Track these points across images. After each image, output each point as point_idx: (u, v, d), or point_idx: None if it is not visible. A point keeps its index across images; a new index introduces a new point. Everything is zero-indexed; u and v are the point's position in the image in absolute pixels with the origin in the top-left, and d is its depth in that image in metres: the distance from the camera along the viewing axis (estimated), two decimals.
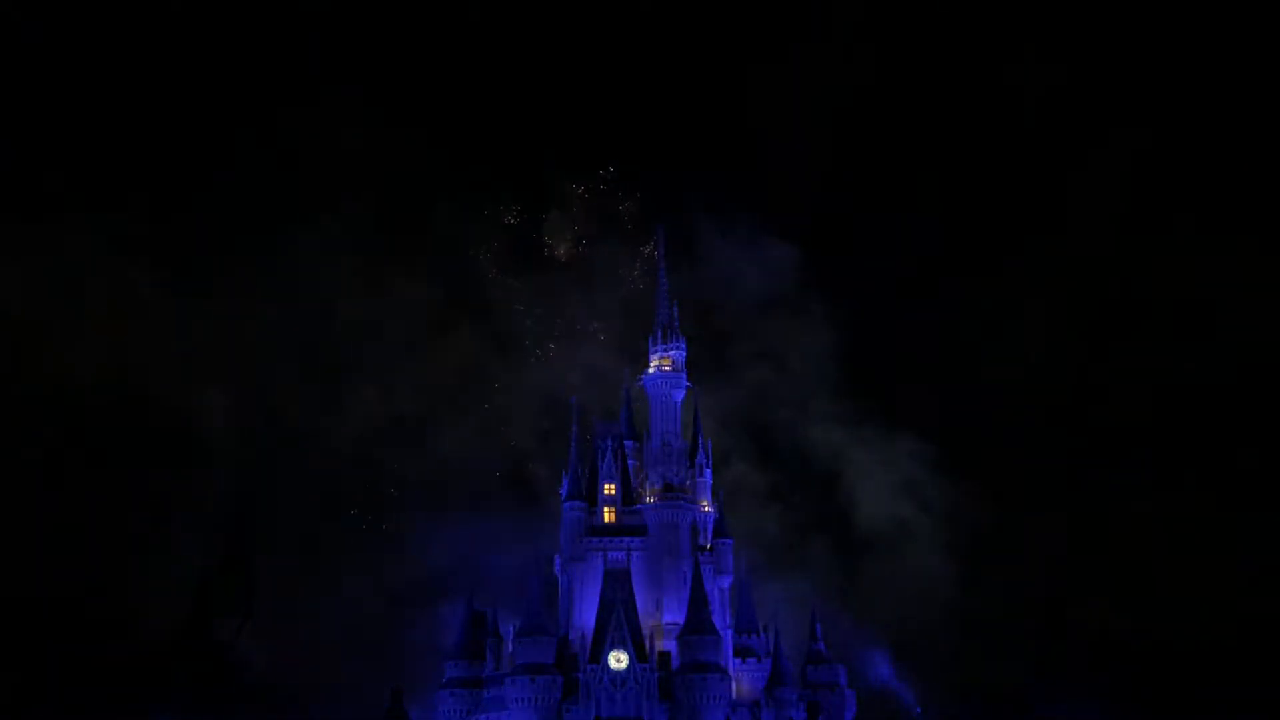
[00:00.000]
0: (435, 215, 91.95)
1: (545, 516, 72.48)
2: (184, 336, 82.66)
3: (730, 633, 68.17)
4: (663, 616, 67.55)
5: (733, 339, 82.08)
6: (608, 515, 71.23)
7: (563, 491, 71.22)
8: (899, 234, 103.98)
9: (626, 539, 69.69)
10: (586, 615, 66.89)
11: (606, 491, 71.80)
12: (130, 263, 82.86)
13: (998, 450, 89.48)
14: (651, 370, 75.34)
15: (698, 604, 65.45)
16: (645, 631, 65.82)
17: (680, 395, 74.27)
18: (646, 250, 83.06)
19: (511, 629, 65.61)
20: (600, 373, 77.15)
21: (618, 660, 63.62)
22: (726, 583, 70.00)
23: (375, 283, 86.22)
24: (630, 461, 73.32)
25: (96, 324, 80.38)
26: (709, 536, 71.47)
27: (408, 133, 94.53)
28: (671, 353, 75.30)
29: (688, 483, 72.22)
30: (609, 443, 73.35)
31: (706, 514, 72.25)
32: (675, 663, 64.84)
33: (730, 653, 67.12)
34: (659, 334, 75.75)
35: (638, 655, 63.77)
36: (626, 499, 71.84)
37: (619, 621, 64.45)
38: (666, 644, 66.24)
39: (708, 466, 73.46)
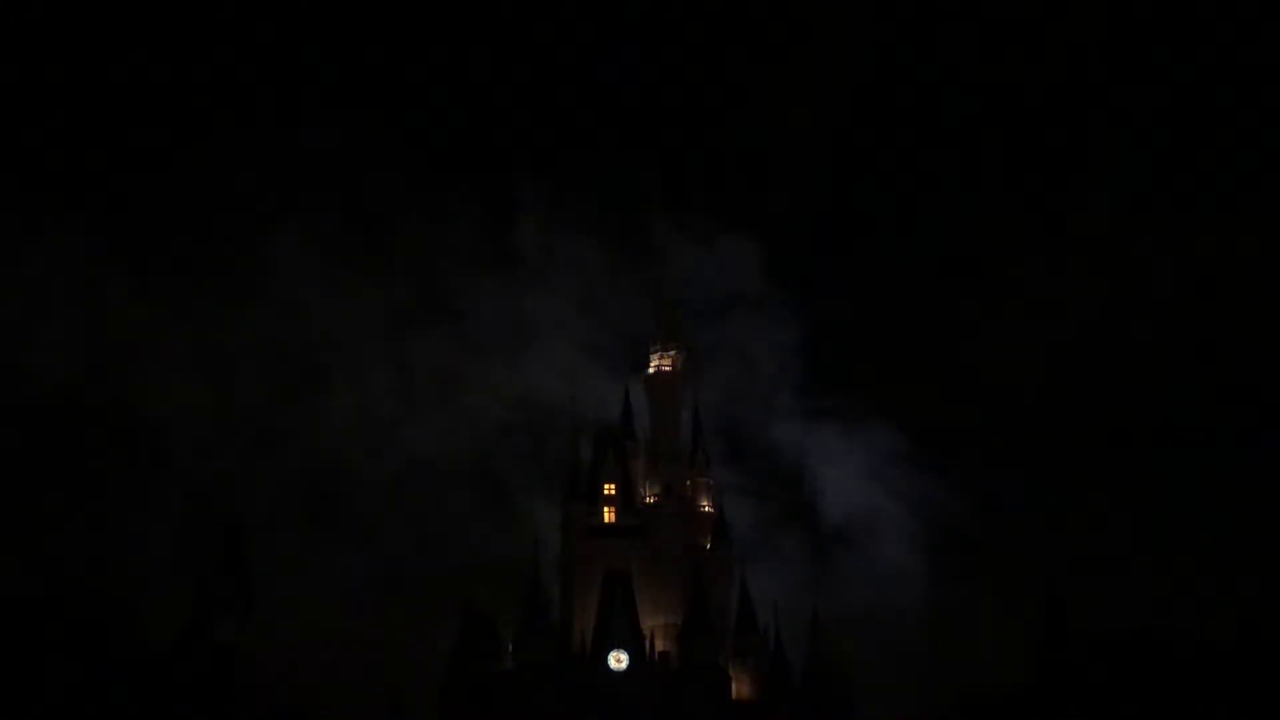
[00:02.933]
0: (403, 216, 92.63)
1: (545, 516, 72.43)
2: (155, 340, 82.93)
3: (730, 633, 68.05)
4: (663, 617, 67.49)
5: (700, 335, 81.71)
6: (608, 515, 71.30)
7: (563, 492, 71.22)
8: (880, 229, 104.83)
9: (627, 539, 69.71)
10: (586, 615, 66.84)
11: (607, 492, 71.88)
12: (101, 267, 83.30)
13: (987, 445, 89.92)
14: (652, 370, 75.49)
15: (697, 604, 65.42)
16: (645, 632, 65.77)
17: (681, 396, 74.29)
18: (620, 250, 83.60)
19: (511, 629, 65.52)
20: (576, 372, 77.53)
21: (618, 660, 63.61)
22: (726, 582, 69.93)
23: (344, 285, 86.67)
24: (630, 461, 73.37)
25: (67, 327, 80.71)
26: (709, 536, 71.47)
27: (374, 134, 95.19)
28: (672, 353, 75.50)
29: (687, 483, 72.26)
30: (609, 443, 73.46)
31: (706, 514, 72.26)
32: (675, 663, 64.80)
33: (730, 653, 66.99)
34: (660, 334, 75.94)
35: (637, 655, 63.75)
36: (627, 499, 71.87)
37: (619, 622, 64.44)
38: (666, 644, 66.19)
39: (708, 466, 73.52)
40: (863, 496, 78.82)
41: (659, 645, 65.89)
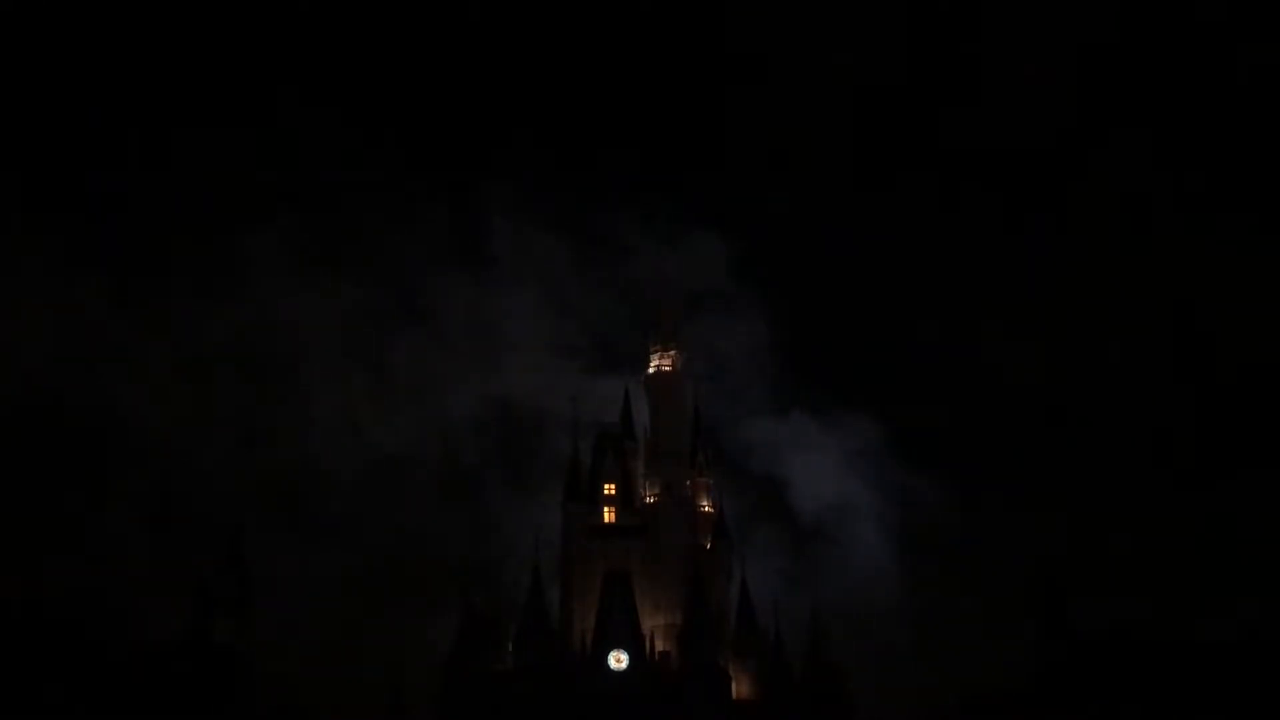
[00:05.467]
0: (374, 217, 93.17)
1: (545, 516, 72.45)
2: (131, 341, 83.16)
3: (730, 632, 68.02)
4: (663, 617, 67.49)
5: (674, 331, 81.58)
6: (608, 515, 71.33)
7: (563, 491, 71.21)
8: (858, 223, 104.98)
9: (627, 539, 69.72)
10: (586, 615, 66.83)
11: (607, 491, 71.89)
12: (77, 269, 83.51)
13: (977, 441, 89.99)
14: (652, 370, 75.57)
15: (697, 604, 65.41)
16: (645, 631, 65.75)
17: (680, 395, 74.27)
18: (590, 248, 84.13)
19: (511, 629, 65.50)
20: (548, 369, 77.92)
21: (618, 660, 63.60)
22: (726, 582, 69.92)
23: (318, 286, 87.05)
24: (630, 461, 73.39)
25: (44, 330, 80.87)
26: (709, 536, 71.47)
27: (345, 136, 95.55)
28: (672, 352, 75.57)
29: (687, 482, 72.27)
30: (609, 442, 73.48)
31: (706, 514, 72.26)
32: (675, 663, 64.80)
33: (730, 653, 66.95)
34: (659, 335, 76.02)
35: (637, 655, 63.74)
36: (626, 499, 71.88)
37: (619, 622, 64.43)
38: (666, 644, 66.21)
39: (708, 466, 73.50)
40: (840, 491, 79.00)
41: (659, 645, 65.87)
